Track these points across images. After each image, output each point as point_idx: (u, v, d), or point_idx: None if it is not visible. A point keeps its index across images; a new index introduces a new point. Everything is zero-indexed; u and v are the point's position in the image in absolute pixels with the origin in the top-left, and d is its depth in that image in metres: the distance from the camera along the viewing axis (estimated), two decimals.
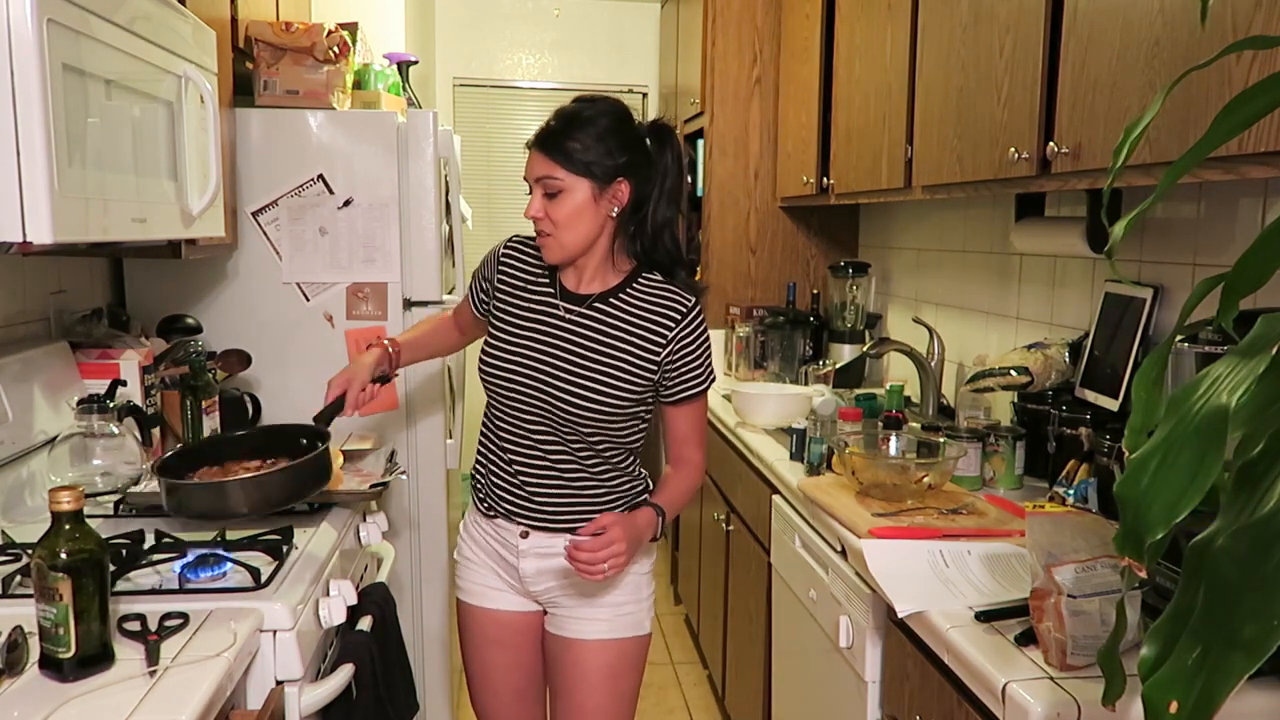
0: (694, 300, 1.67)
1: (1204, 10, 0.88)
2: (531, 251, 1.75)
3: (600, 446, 1.68)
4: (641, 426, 1.72)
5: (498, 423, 1.74)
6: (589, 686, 1.71)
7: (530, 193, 1.65)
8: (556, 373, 1.65)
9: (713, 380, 1.71)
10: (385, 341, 1.85)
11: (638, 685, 1.77)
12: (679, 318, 1.65)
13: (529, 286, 1.73)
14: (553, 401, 1.64)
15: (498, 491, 1.74)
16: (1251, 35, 1.20)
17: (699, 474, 1.75)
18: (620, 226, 1.66)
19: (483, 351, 1.73)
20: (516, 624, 1.78)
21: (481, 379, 1.73)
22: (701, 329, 1.67)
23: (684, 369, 1.66)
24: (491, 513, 1.75)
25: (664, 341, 1.64)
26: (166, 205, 1.65)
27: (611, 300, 1.67)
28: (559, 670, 1.75)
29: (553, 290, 1.70)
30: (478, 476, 1.80)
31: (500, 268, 1.77)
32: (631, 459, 1.75)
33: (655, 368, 1.65)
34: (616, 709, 1.73)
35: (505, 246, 1.79)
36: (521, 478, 1.71)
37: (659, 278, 1.69)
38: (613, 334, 1.65)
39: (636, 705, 1.79)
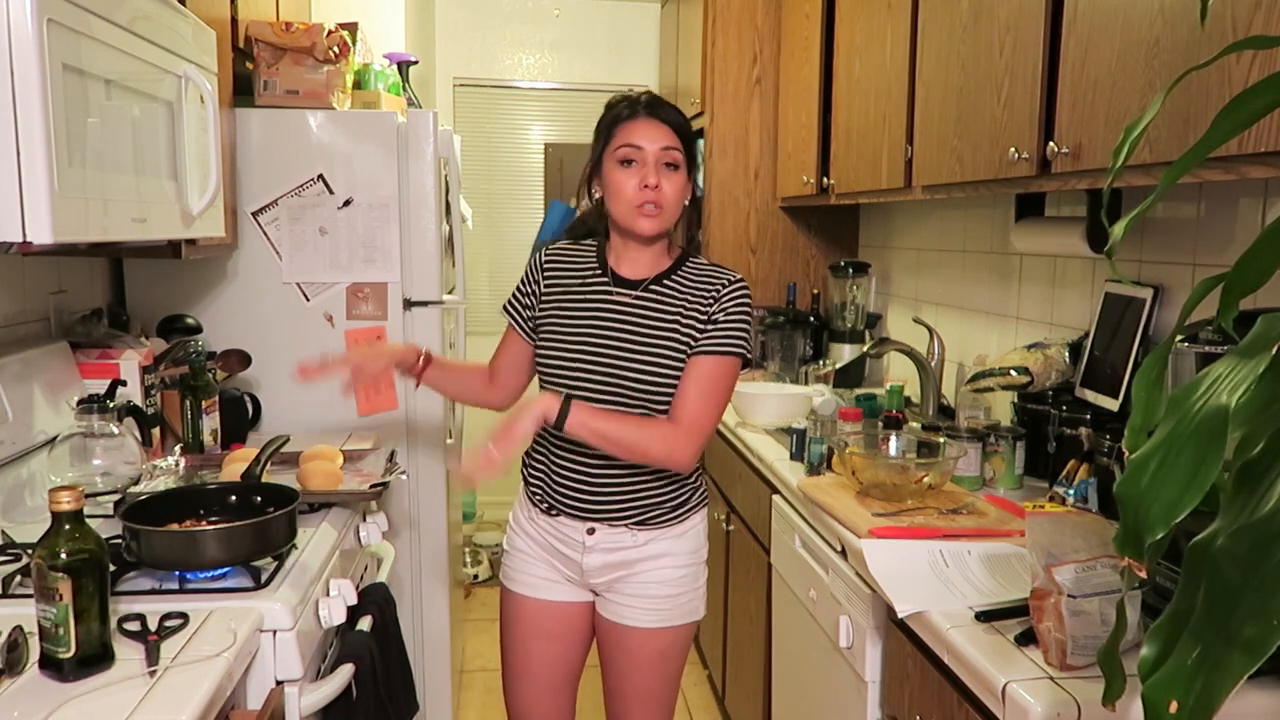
0: (740, 277, 1.74)
1: (1204, 10, 0.88)
2: (573, 251, 1.81)
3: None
4: None
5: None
6: (639, 670, 1.78)
7: (630, 162, 1.66)
8: (621, 350, 1.69)
9: (735, 354, 1.68)
10: (424, 350, 1.83)
11: (684, 660, 1.85)
12: (725, 285, 1.71)
13: (582, 282, 1.77)
14: (621, 379, 1.68)
15: (559, 491, 1.76)
16: (1251, 35, 1.20)
17: (667, 438, 1.65)
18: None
19: (540, 353, 1.76)
20: (568, 615, 1.82)
21: (544, 380, 1.76)
22: (741, 298, 1.71)
23: (714, 326, 1.68)
24: (553, 511, 1.77)
25: (710, 302, 1.69)
26: (166, 205, 1.65)
27: (665, 281, 1.73)
28: (609, 650, 1.82)
29: (607, 279, 1.75)
30: (535, 478, 1.81)
31: (545, 274, 1.81)
32: None
33: (698, 333, 1.69)
34: (665, 686, 1.81)
35: (544, 254, 1.84)
36: (586, 471, 1.73)
37: (705, 261, 1.77)
38: (669, 309, 1.71)
39: (682, 675, 1.86)
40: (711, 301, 1.69)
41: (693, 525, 1.79)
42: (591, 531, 1.74)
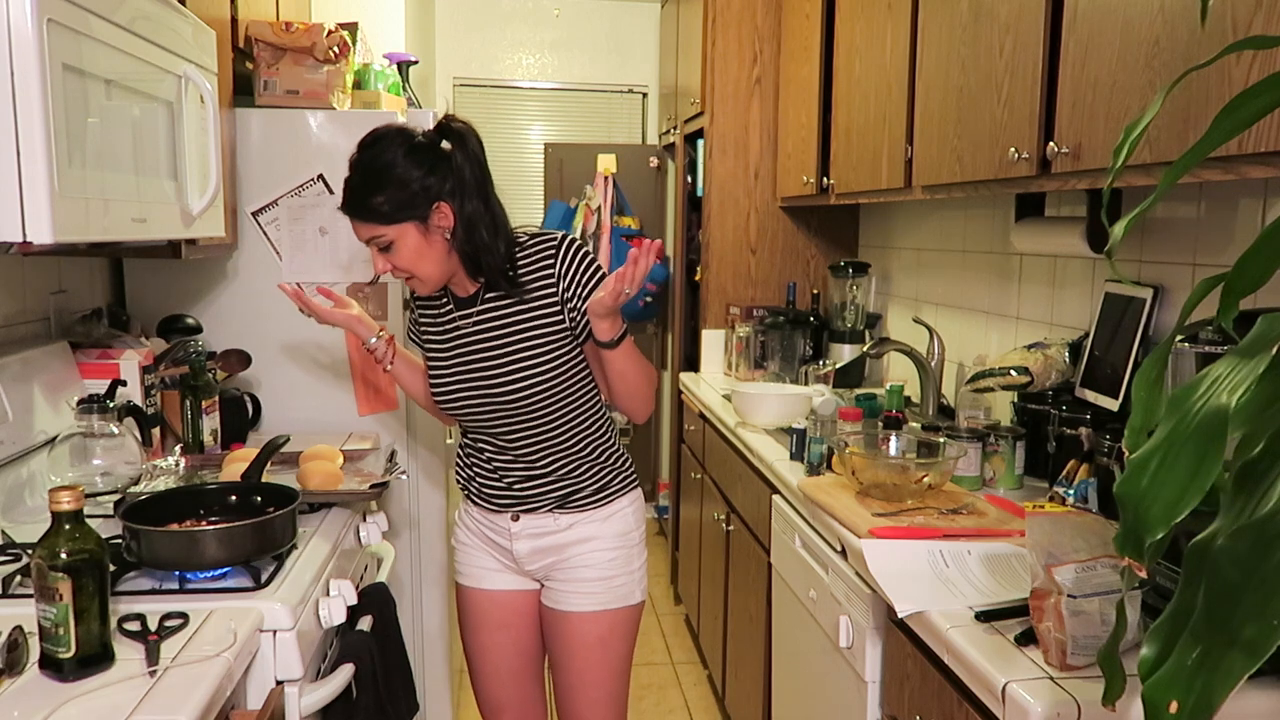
0: (560, 235, 1.72)
1: (1204, 10, 0.88)
2: None
3: (564, 413, 1.74)
4: (586, 372, 1.76)
5: (468, 431, 1.84)
6: (582, 656, 1.81)
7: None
8: (488, 366, 1.72)
9: None
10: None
11: (630, 649, 1.86)
12: (554, 253, 1.70)
13: (438, 314, 1.80)
14: (499, 393, 1.71)
15: (483, 487, 1.83)
16: (1251, 35, 1.20)
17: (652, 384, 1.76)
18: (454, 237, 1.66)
19: (429, 384, 1.82)
20: (514, 603, 1.87)
21: (440, 408, 1.82)
22: (582, 254, 1.71)
23: (585, 296, 1.68)
24: (481, 503, 1.84)
25: (554, 279, 1.69)
26: (166, 205, 1.65)
27: (496, 287, 1.72)
28: (554, 640, 1.84)
29: (451, 305, 1.77)
30: (461, 470, 1.89)
31: (416, 309, 1.86)
32: (595, 404, 1.80)
33: (560, 309, 1.69)
34: (608, 676, 1.83)
35: None
36: (500, 473, 1.80)
37: (519, 243, 1.71)
38: (512, 310, 1.71)
39: (631, 666, 1.88)
40: (553, 273, 1.68)
41: (619, 508, 1.82)
42: (516, 519, 1.80)
